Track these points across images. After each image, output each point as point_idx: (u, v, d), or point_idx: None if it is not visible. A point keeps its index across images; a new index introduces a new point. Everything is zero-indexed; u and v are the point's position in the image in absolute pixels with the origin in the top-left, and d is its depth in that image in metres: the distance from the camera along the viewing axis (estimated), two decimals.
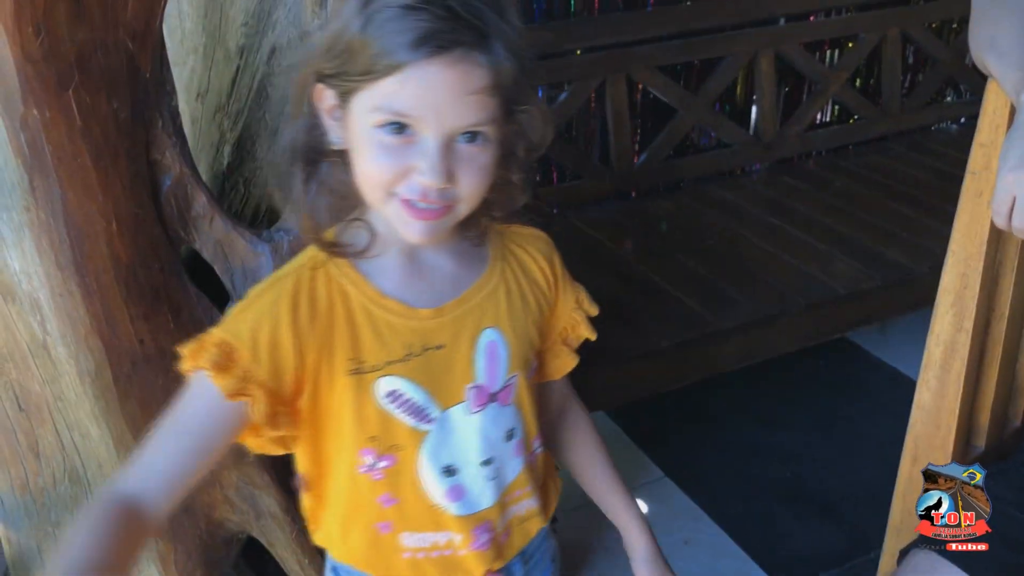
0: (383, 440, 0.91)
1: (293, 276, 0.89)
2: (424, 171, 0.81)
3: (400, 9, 0.78)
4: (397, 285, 0.91)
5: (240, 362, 0.84)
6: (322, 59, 0.83)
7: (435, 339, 0.92)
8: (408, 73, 0.78)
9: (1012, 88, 1.04)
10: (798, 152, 2.97)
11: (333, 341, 0.88)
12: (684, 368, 2.13)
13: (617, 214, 2.66)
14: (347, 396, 0.89)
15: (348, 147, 0.86)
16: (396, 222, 0.85)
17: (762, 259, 2.42)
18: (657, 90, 2.67)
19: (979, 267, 1.20)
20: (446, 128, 0.80)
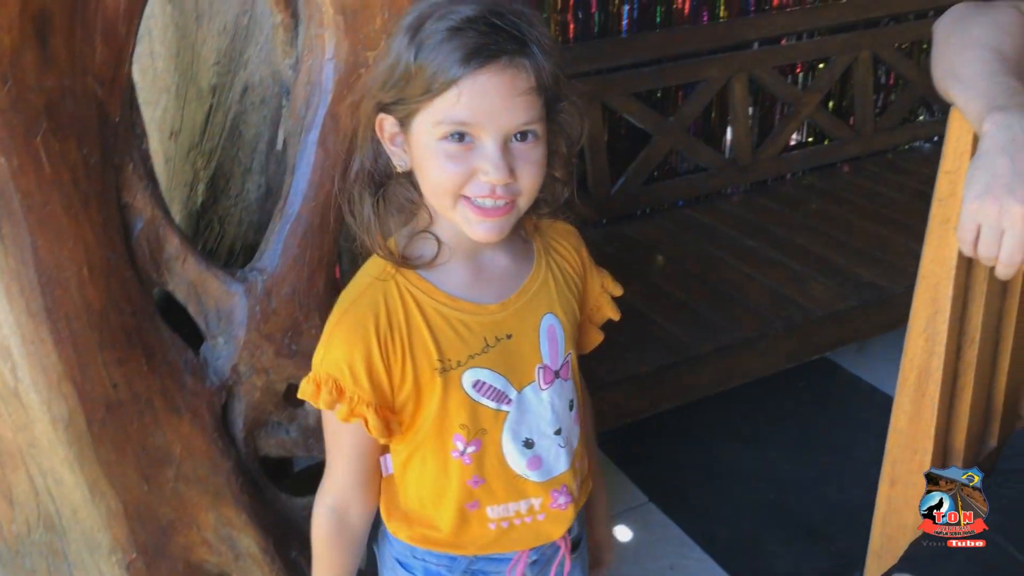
0: (471, 426, 1.03)
1: (367, 294, 0.99)
2: (488, 170, 0.91)
3: (447, 32, 0.88)
4: (464, 287, 1.02)
5: (347, 391, 0.98)
6: (381, 91, 0.94)
7: (505, 329, 1.03)
8: (463, 86, 0.88)
9: (974, 117, 1.06)
10: (773, 174, 3.00)
11: (416, 347, 0.99)
12: (663, 393, 2.14)
13: (595, 240, 2.67)
14: (437, 392, 1.00)
15: (413, 165, 0.97)
16: (465, 224, 0.95)
17: (739, 282, 2.43)
18: (632, 116, 2.69)
19: (949, 292, 1.21)
20: (502, 129, 0.90)
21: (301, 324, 1.30)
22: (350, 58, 1.25)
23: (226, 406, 1.31)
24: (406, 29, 0.92)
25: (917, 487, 1.30)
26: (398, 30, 0.94)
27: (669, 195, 2.84)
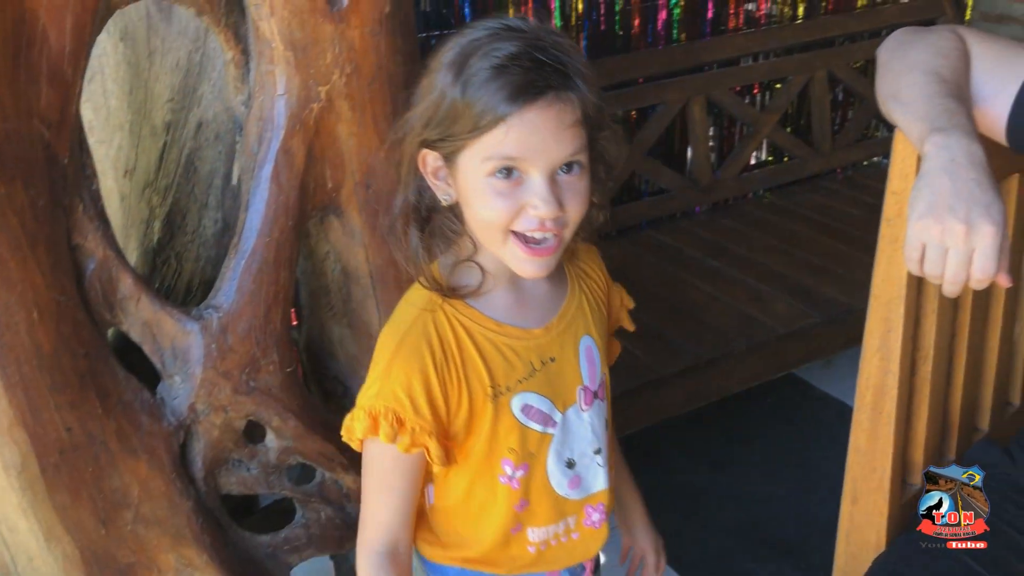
0: (520, 450, 1.05)
1: (418, 324, 1.00)
2: (537, 204, 0.92)
3: (492, 70, 0.89)
4: (509, 313, 1.04)
5: (408, 422, 0.98)
6: (425, 128, 0.95)
7: (548, 353, 1.06)
8: (510, 122, 0.89)
9: (916, 139, 1.07)
10: (735, 194, 3.03)
11: (468, 374, 1.01)
12: (629, 416, 2.14)
13: None
14: (488, 417, 1.02)
15: (459, 199, 0.98)
16: (513, 261, 0.97)
17: (703, 302, 2.44)
18: None
19: (900, 310, 1.23)
20: (549, 163, 0.92)
21: (259, 360, 1.29)
22: (302, 93, 1.25)
23: (184, 445, 1.30)
24: (448, 66, 0.92)
25: (878, 504, 1.31)
26: (438, 66, 0.94)
27: (631, 218, 2.86)
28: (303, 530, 1.44)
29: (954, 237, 0.98)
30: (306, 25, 1.22)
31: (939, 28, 1.19)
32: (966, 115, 1.08)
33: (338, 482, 1.46)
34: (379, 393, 0.99)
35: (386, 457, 1.02)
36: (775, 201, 3.06)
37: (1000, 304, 1.37)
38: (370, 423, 0.99)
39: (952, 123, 1.04)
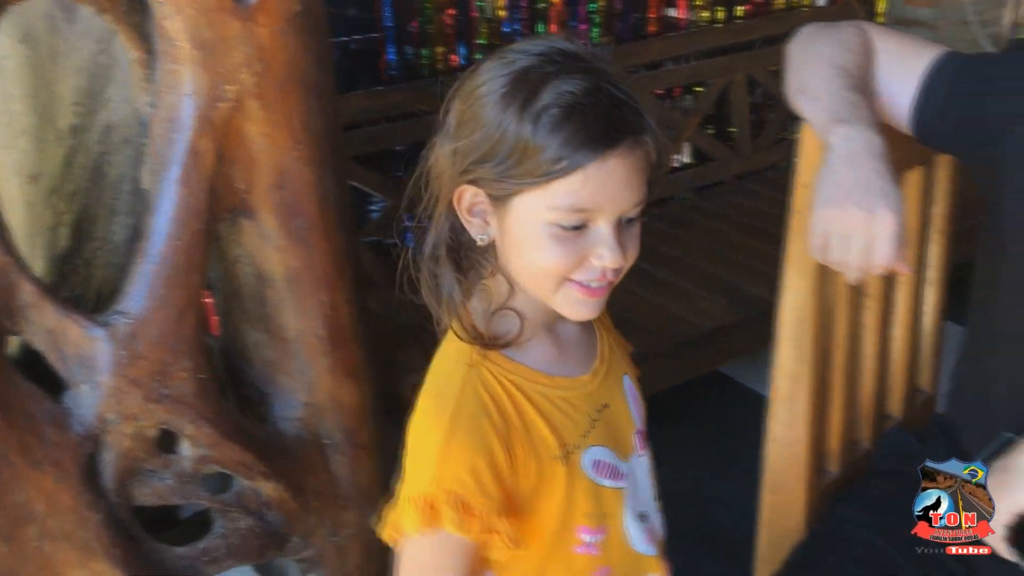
0: (596, 513, 0.94)
1: (469, 390, 0.87)
2: (604, 256, 0.84)
3: (567, 109, 0.80)
4: (553, 363, 0.93)
5: (477, 507, 0.85)
6: (478, 166, 0.83)
7: (600, 400, 0.96)
8: (589, 171, 0.80)
9: (821, 130, 1.10)
10: (659, 196, 3.06)
11: (533, 439, 0.89)
12: None
13: None
14: (561, 482, 0.91)
15: (502, 241, 0.87)
16: (565, 304, 0.88)
17: (629, 302, 2.46)
18: None
19: (811, 301, 1.25)
20: (619, 212, 0.84)
21: (170, 367, 1.26)
22: (210, 92, 1.22)
23: (94, 456, 1.26)
24: (507, 99, 0.81)
25: (796, 493, 1.33)
26: (489, 96, 0.82)
27: None
28: (222, 540, 1.41)
29: (855, 224, 1.00)
30: (213, 23, 1.19)
31: (844, 24, 1.22)
32: (868, 107, 1.10)
33: (257, 491, 1.43)
34: (437, 478, 0.85)
35: (445, 550, 0.87)
36: (699, 203, 3.09)
37: (907, 292, 1.40)
38: (427, 514, 0.84)
39: (855, 115, 1.07)
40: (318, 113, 1.32)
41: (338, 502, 1.56)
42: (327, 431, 1.51)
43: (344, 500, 1.57)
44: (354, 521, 1.60)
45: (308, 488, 1.51)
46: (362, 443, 1.55)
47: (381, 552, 1.68)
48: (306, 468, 1.50)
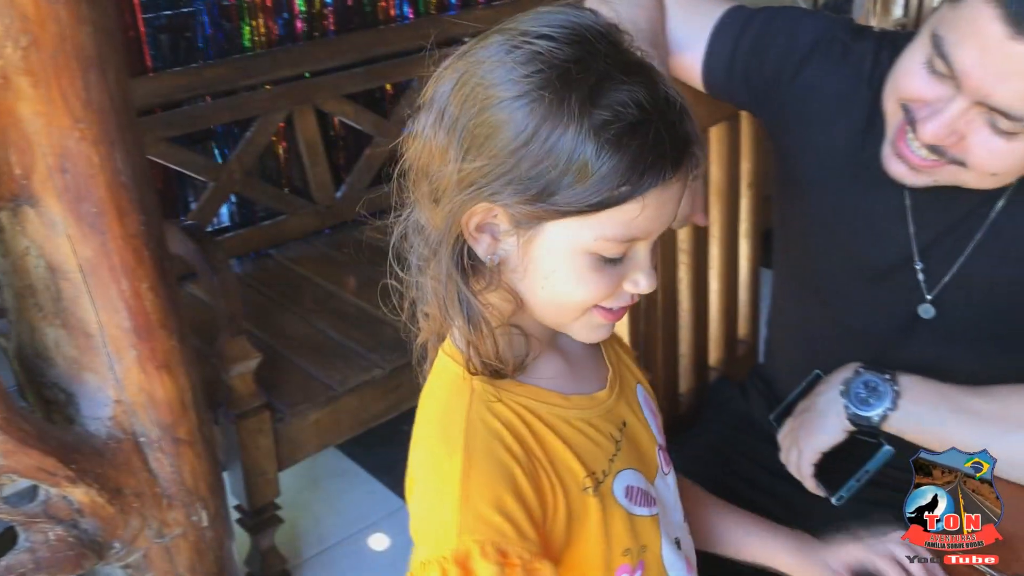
0: (634, 547, 0.80)
1: (476, 419, 0.74)
2: (641, 283, 0.74)
3: (629, 126, 0.66)
4: (565, 380, 0.81)
5: (515, 551, 0.70)
6: (505, 186, 0.68)
7: (620, 417, 0.84)
8: (649, 198, 0.68)
9: None
10: None
11: (558, 470, 0.76)
12: (401, 393, 2.11)
13: (324, 248, 2.60)
14: (594, 517, 0.77)
15: (520, 266, 0.73)
16: (583, 330, 0.77)
17: None
18: (348, 119, 2.64)
19: None
20: (660, 233, 0.73)
21: None
22: None
23: None
24: (546, 107, 0.66)
25: None
26: (518, 99, 0.67)
27: None
28: (29, 555, 1.31)
29: None
30: None
31: None
32: (661, 62, 1.11)
33: (66, 497, 1.33)
34: (460, 528, 0.70)
35: None
36: None
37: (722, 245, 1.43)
38: (462, 570, 0.69)
39: None
40: (101, 89, 1.22)
41: (161, 502, 1.48)
42: (142, 428, 1.42)
43: (168, 499, 1.49)
44: (182, 520, 1.52)
45: (126, 490, 1.42)
46: (183, 438, 1.47)
47: (215, 549, 1.61)
48: (122, 469, 1.41)
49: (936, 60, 0.91)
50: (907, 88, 0.96)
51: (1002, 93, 0.87)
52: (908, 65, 0.96)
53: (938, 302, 1.09)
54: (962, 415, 1.00)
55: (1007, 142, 0.90)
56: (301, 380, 2.01)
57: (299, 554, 2.20)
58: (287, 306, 2.30)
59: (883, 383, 1.04)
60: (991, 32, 0.84)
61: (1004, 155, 0.91)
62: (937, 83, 0.92)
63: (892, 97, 0.99)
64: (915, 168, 0.98)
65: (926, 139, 0.93)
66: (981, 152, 0.92)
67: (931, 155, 0.95)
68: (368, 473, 2.46)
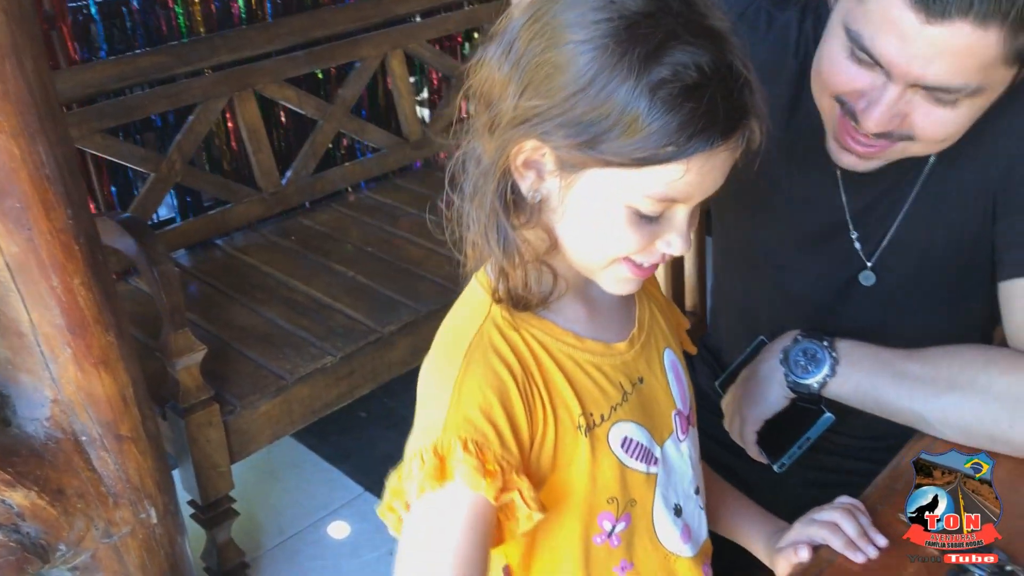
0: (621, 498, 0.82)
1: (487, 334, 0.76)
2: (674, 243, 0.75)
3: (687, 88, 0.66)
4: (586, 325, 0.82)
5: (494, 456, 0.72)
6: (557, 127, 0.69)
7: (636, 372, 0.84)
8: (694, 163, 0.69)
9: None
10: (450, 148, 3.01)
11: (555, 401, 0.77)
12: (354, 380, 2.09)
13: (271, 235, 2.57)
14: (583, 459, 0.79)
15: (560, 207, 0.74)
16: (609, 280, 0.78)
17: (421, 258, 2.42)
18: (290, 103, 2.60)
19: None
20: (703, 198, 0.74)
21: None
22: None
23: None
24: (611, 56, 0.67)
25: None
26: (585, 44, 0.68)
27: (342, 180, 2.78)
28: None
29: None
30: None
31: None
32: None
33: (5, 501, 1.30)
34: (448, 423, 0.72)
35: (456, 512, 0.72)
36: None
37: None
38: (436, 464, 0.71)
39: None
40: (18, 79, 1.18)
41: (107, 501, 1.45)
42: (82, 427, 1.39)
43: (114, 498, 1.46)
44: (130, 518, 1.49)
45: (69, 490, 1.39)
46: (126, 435, 1.45)
47: (166, 546, 1.59)
48: (63, 469, 1.38)
49: (857, 52, 0.90)
50: (837, 83, 0.94)
51: (933, 73, 0.86)
52: (831, 58, 0.94)
53: (877, 268, 1.10)
54: (898, 379, 1.01)
55: (951, 110, 0.90)
56: (251, 371, 1.98)
57: (258, 546, 2.18)
58: (235, 296, 2.27)
59: (821, 350, 1.05)
60: (905, 20, 0.84)
61: (950, 122, 0.91)
62: (866, 72, 0.91)
63: (823, 93, 0.98)
64: (865, 156, 0.97)
65: (872, 129, 0.92)
66: (927, 124, 0.91)
67: (879, 139, 0.94)
68: (326, 462, 2.45)
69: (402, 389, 2.40)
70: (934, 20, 0.82)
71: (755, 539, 0.99)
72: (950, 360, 0.99)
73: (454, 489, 0.71)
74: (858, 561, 0.87)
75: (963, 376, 0.98)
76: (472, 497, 0.71)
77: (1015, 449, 0.96)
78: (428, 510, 0.72)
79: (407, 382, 2.35)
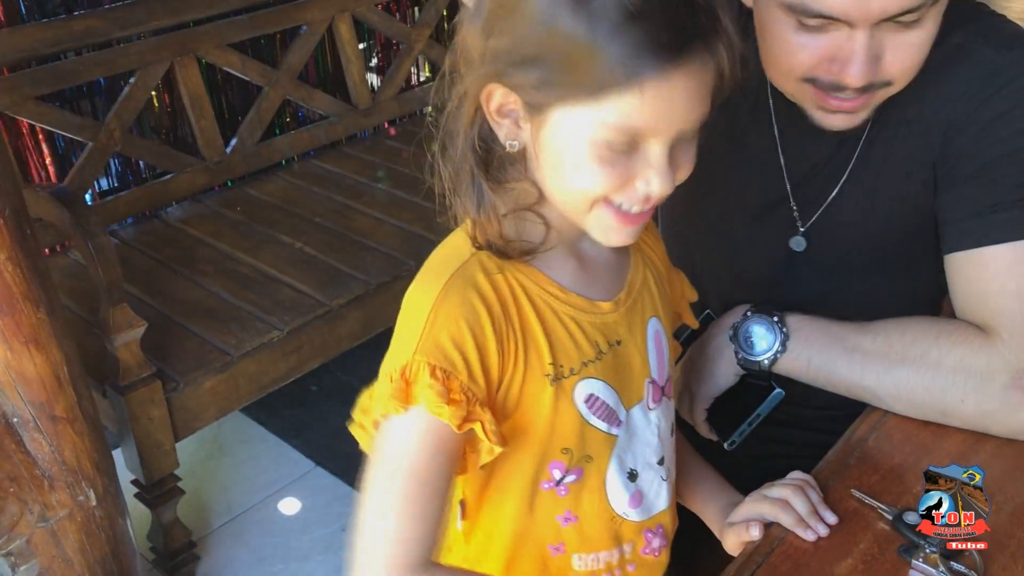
0: (576, 451, 0.82)
1: (471, 268, 0.76)
2: (652, 182, 0.73)
3: (630, 8, 0.66)
4: (573, 279, 0.82)
5: (460, 385, 0.73)
6: (513, 67, 0.70)
7: (615, 334, 0.84)
8: (648, 88, 0.67)
9: None
10: (398, 115, 2.96)
11: (527, 345, 0.78)
12: (303, 355, 2.04)
13: (215, 206, 2.50)
14: (545, 407, 0.79)
15: (536, 153, 0.75)
16: (596, 228, 0.77)
17: (370, 228, 2.38)
18: (234, 69, 2.52)
19: None
20: (675, 134, 0.72)
21: None
22: None
23: None
24: None
25: None
26: None
27: (293, 148, 2.71)
28: None
29: None
30: None
31: None
32: None
33: None
34: (419, 347, 0.73)
35: (419, 436, 0.74)
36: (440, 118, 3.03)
37: None
38: (402, 387, 0.72)
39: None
40: None
41: (42, 484, 1.40)
42: (13, 408, 1.34)
43: (50, 480, 1.41)
44: (67, 501, 1.45)
45: (1, 474, 1.34)
46: (61, 415, 1.40)
47: (106, 529, 1.54)
48: None
49: (807, 20, 0.87)
50: (800, 63, 0.91)
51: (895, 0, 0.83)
52: (782, 41, 0.91)
53: (810, 234, 1.08)
54: (849, 354, 1.00)
55: (918, 30, 0.87)
56: (194, 346, 1.93)
57: (207, 524, 2.14)
58: (178, 269, 2.20)
59: (771, 325, 1.03)
60: None
61: (921, 45, 0.89)
62: (824, 36, 0.88)
63: (788, 79, 0.94)
64: (853, 110, 0.94)
65: (858, 84, 0.89)
66: (902, 58, 0.88)
67: (862, 93, 0.91)
68: (276, 436, 2.40)
69: (355, 362, 2.37)
70: None
71: (708, 509, 0.99)
72: (901, 333, 0.98)
73: (418, 413, 0.73)
74: (808, 539, 0.86)
75: (914, 349, 0.97)
76: (435, 423, 0.73)
77: (966, 422, 0.96)
78: (392, 432, 0.74)
79: (360, 355, 2.34)
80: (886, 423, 0.99)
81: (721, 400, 1.09)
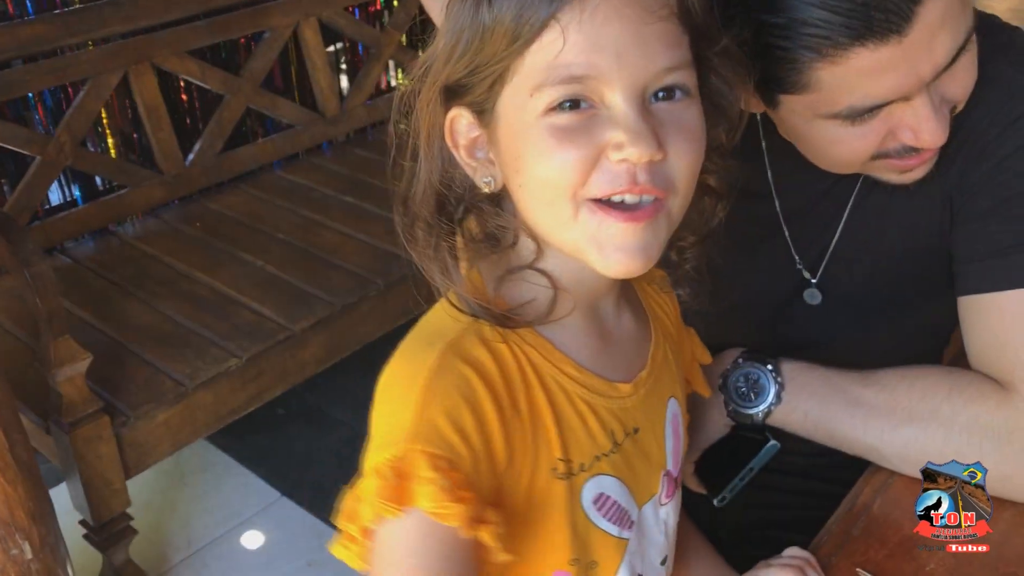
0: (583, 560, 0.70)
1: (468, 339, 0.64)
2: (622, 141, 0.60)
3: None
4: (590, 353, 0.70)
5: (466, 479, 0.60)
6: (447, 65, 0.63)
7: (633, 420, 0.72)
8: (565, 19, 0.59)
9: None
10: (367, 122, 2.85)
11: (536, 434, 0.65)
12: (263, 383, 1.93)
13: (173, 222, 2.38)
14: (553, 509, 0.67)
15: (505, 176, 0.65)
16: (593, 246, 0.63)
17: (336, 244, 2.27)
18: (193, 77, 2.40)
19: None
20: (634, 78, 0.60)
21: None
22: None
23: None
24: None
25: None
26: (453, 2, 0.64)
27: (256, 159, 2.59)
28: None
29: None
30: None
31: None
32: None
33: None
34: (411, 434, 0.60)
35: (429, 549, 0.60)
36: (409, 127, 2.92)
37: None
38: (395, 484, 0.59)
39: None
40: None
41: None
42: None
43: None
44: None
45: None
46: None
47: None
48: None
49: (861, 120, 0.78)
50: (867, 152, 0.81)
51: (942, 54, 0.74)
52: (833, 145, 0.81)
53: (823, 285, 0.98)
54: (851, 408, 0.90)
55: (967, 56, 0.78)
56: (146, 377, 1.81)
57: (165, 559, 2.02)
58: (131, 291, 2.08)
59: (765, 375, 0.93)
60: (885, 55, 0.72)
61: (972, 62, 0.80)
62: (881, 119, 0.78)
63: (851, 167, 0.85)
64: (928, 161, 0.84)
65: (939, 144, 0.80)
66: (960, 84, 0.80)
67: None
68: (240, 464, 2.29)
69: (323, 383, 2.27)
70: (905, 29, 0.71)
71: None
72: (909, 386, 0.89)
73: (419, 517, 0.59)
74: None
75: (924, 406, 0.87)
76: (438, 528, 0.59)
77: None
78: (392, 543, 0.61)
79: (328, 375, 2.22)
80: (892, 486, 0.90)
81: (710, 452, 1.00)
